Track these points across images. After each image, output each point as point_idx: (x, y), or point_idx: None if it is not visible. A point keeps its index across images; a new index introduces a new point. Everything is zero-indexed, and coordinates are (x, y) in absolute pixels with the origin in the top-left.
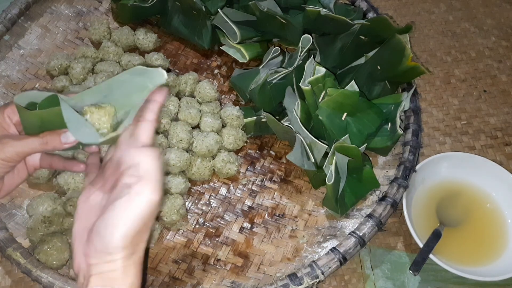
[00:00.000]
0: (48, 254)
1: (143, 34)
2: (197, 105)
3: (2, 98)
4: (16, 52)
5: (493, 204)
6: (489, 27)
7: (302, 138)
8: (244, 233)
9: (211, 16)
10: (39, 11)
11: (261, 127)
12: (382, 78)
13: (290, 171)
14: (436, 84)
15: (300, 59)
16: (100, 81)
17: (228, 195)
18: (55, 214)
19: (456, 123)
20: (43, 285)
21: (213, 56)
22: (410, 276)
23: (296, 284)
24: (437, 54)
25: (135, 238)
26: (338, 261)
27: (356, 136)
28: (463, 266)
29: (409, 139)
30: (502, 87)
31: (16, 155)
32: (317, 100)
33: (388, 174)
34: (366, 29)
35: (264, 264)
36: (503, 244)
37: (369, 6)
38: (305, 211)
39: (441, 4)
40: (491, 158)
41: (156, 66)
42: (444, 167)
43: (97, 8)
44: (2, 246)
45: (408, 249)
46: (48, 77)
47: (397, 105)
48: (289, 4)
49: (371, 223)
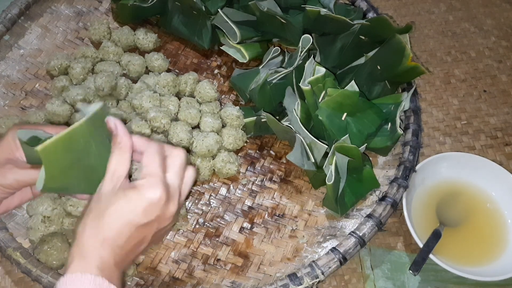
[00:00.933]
0: (48, 254)
1: (143, 34)
2: (197, 105)
3: (2, 98)
4: (16, 52)
5: (493, 204)
6: (489, 27)
7: (302, 138)
8: (244, 233)
9: (211, 16)
10: (39, 11)
11: (261, 127)
12: (382, 78)
13: (290, 171)
14: (436, 84)
15: (300, 59)
16: (100, 81)
17: (228, 195)
18: (55, 214)
19: (456, 123)
20: (43, 285)
21: (213, 56)
22: (410, 276)
23: (296, 284)
24: (437, 54)
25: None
26: (338, 261)
27: (356, 136)
28: (463, 266)
29: (409, 139)
30: (502, 87)
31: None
32: (317, 100)
33: (388, 174)
34: (366, 29)
35: (264, 264)
36: (503, 244)
37: (369, 6)
38: (305, 211)
39: (441, 4)
40: (491, 158)
41: (156, 66)
42: (444, 167)
43: (97, 8)
44: (2, 246)
45: (408, 249)
46: (48, 77)
47: (397, 105)
48: (289, 4)
49: (371, 223)
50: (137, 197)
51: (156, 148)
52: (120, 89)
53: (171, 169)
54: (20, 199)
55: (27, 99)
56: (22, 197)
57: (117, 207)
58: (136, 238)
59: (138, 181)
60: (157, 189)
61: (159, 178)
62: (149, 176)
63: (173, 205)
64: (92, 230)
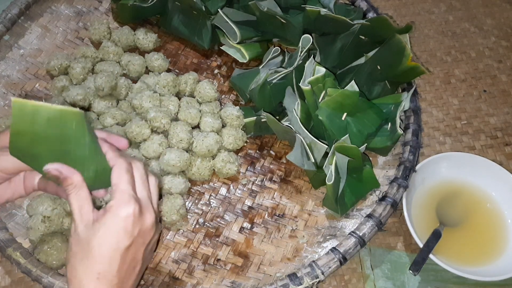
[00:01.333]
0: (48, 254)
1: (143, 34)
2: (197, 105)
3: (2, 98)
4: (16, 52)
5: (493, 204)
6: (489, 27)
7: (302, 138)
8: (244, 233)
9: (211, 16)
10: (39, 11)
11: (261, 127)
12: (382, 78)
13: (290, 171)
14: (436, 84)
15: (300, 59)
16: (100, 81)
17: (228, 195)
18: (55, 214)
19: (456, 123)
20: (43, 285)
21: (213, 56)
22: (410, 276)
23: (296, 284)
24: (437, 54)
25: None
26: (338, 261)
27: (356, 136)
28: (463, 266)
29: (409, 139)
30: (502, 87)
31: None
32: (317, 100)
33: (388, 174)
34: (366, 29)
35: (264, 264)
36: (503, 244)
37: (369, 6)
38: (305, 211)
39: (441, 4)
40: (491, 158)
41: (156, 66)
42: (444, 167)
43: (97, 8)
44: (2, 246)
45: (408, 249)
46: (48, 77)
47: (397, 105)
48: (289, 4)
49: (371, 223)
50: (112, 219)
51: (122, 165)
52: (120, 89)
53: (136, 182)
54: (12, 193)
55: (27, 99)
56: (14, 190)
57: (100, 237)
58: (128, 261)
59: (110, 203)
60: (129, 205)
61: (128, 194)
62: (118, 195)
63: (149, 215)
64: (84, 269)
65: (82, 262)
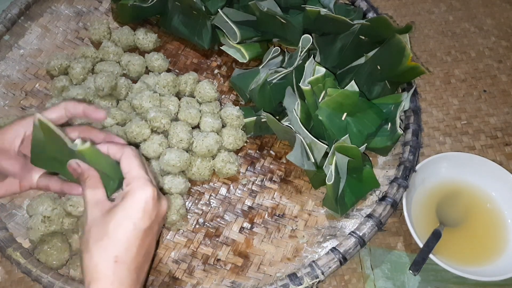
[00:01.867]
0: (48, 254)
1: (143, 34)
2: (197, 105)
3: (2, 98)
4: (16, 52)
5: (493, 204)
6: (489, 27)
7: (302, 138)
8: (244, 233)
9: (211, 16)
10: (39, 11)
11: (261, 127)
12: (382, 78)
13: (290, 171)
14: (436, 84)
15: (300, 59)
16: (100, 81)
17: (228, 195)
18: (55, 214)
19: (456, 123)
20: (43, 285)
21: (213, 56)
22: (410, 276)
23: (296, 284)
24: (437, 54)
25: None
26: (338, 261)
27: (356, 136)
28: (463, 266)
29: (409, 139)
30: (502, 87)
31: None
32: (317, 100)
33: (388, 174)
34: (366, 29)
35: (264, 264)
36: (503, 244)
37: (369, 6)
38: (305, 211)
39: (441, 4)
40: (491, 158)
41: (156, 66)
42: (444, 167)
43: (97, 8)
44: (2, 246)
45: (408, 249)
46: (48, 77)
47: (397, 105)
48: (289, 4)
49: (371, 223)
50: (132, 202)
51: (131, 152)
52: (120, 89)
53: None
54: (5, 190)
55: (27, 99)
56: (8, 188)
57: (118, 220)
58: (145, 245)
59: (127, 188)
60: (147, 188)
61: (144, 178)
62: (135, 180)
63: (164, 201)
64: (100, 253)
65: (98, 245)
